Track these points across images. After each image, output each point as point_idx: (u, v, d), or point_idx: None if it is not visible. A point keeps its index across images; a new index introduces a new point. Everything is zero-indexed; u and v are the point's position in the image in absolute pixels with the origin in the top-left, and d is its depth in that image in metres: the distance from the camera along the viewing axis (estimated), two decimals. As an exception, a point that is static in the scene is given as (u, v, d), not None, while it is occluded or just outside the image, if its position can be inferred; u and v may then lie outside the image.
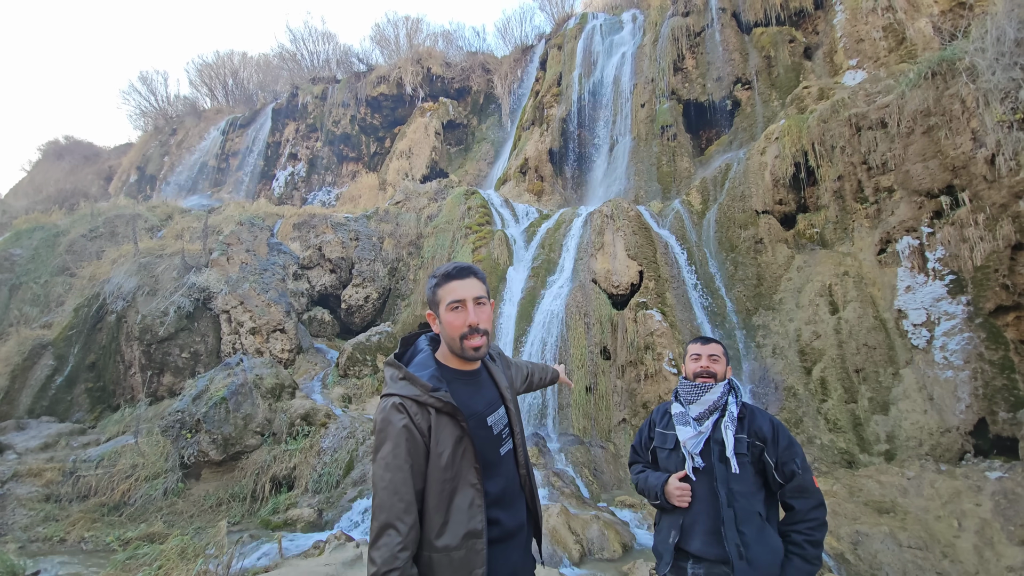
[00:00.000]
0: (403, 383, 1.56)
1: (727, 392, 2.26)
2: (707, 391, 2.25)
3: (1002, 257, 5.77)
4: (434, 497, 1.49)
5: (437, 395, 1.53)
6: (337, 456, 6.53)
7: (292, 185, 22.75)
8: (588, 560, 4.65)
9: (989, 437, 5.48)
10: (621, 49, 16.09)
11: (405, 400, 1.51)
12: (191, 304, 9.70)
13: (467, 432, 1.55)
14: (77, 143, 29.16)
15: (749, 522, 2.05)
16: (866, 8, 10.92)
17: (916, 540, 4.48)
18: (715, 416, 2.21)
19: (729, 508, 2.07)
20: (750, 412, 2.23)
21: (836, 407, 6.43)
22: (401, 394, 1.53)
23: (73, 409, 9.44)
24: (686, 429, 2.21)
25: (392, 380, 1.59)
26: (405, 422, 1.48)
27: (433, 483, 1.49)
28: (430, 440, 1.50)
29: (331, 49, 27.03)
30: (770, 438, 2.13)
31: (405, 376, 1.57)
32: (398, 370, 1.60)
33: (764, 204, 8.45)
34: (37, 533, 5.67)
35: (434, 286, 1.64)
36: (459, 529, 1.49)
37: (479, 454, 1.57)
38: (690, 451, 2.17)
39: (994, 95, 5.95)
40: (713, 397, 2.24)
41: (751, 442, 2.15)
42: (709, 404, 2.23)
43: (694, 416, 2.24)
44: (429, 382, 1.55)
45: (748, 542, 2.01)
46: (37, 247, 12.57)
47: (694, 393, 2.28)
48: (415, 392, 1.53)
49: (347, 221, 12.38)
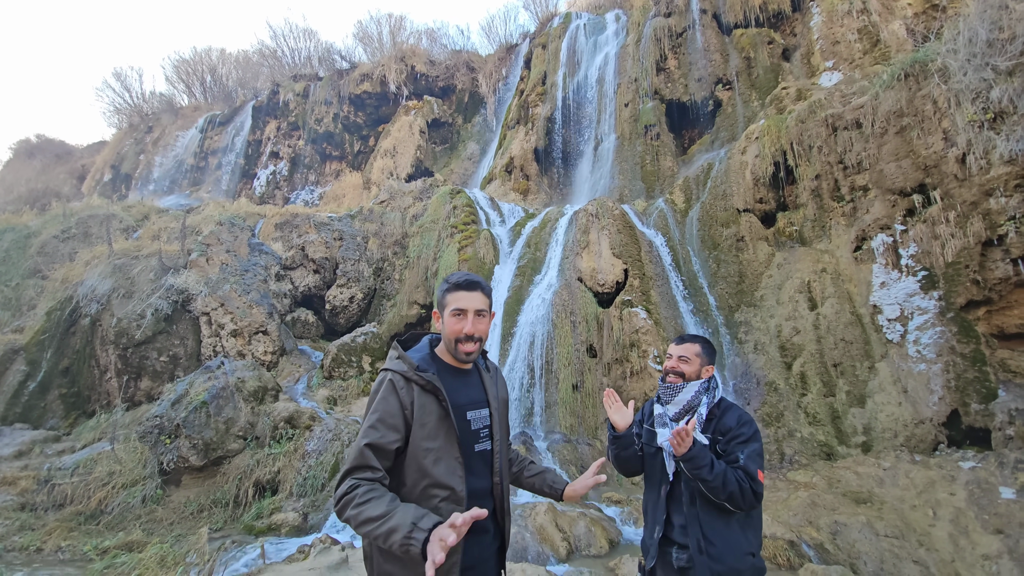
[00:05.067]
0: (397, 361, 1.78)
1: (703, 391, 2.27)
2: (679, 391, 2.28)
3: (973, 253, 5.95)
4: (417, 463, 1.65)
5: (422, 374, 1.73)
6: (322, 459, 6.46)
7: (274, 184, 22.39)
8: (575, 557, 4.68)
9: (962, 428, 5.66)
10: (605, 49, 16.18)
11: (395, 374, 1.73)
12: (169, 306, 9.49)
13: (449, 413, 1.71)
14: (49, 141, 28.29)
15: (710, 518, 2.11)
16: (841, 11, 11.16)
17: (893, 529, 4.61)
18: (688, 417, 2.23)
19: (692, 507, 2.14)
20: (722, 411, 2.25)
21: (815, 401, 6.57)
22: (392, 369, 1.75)
23: (47, 416, 9.17)
24: (664, 431, 2.26)
25: (390, 359, 1.82)
26: (388, 391, 1.69)
27: (417, 449, 1.66)
28: (412, 413, 1.68)
29: (313, 46, 26.67)
30: (729, 430, 2.18)
31: (400, 356, 1.80)
32: (396, 351, 1.83)
33: (745, 203, 8.58)
34: (13, 543, 5.50)
35: (444, 291, 1.85)
36: (439, 492, 1.65)
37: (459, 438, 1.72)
38: (668, 452, 2.22)
39: (965, 95, 6.13)
40: (687, 397, 2.27)
41: (714, 439, 2.19)
42: (683, 404, 2.27)
43: (671, 416, 2.28)
44: (419, 363, 1.76)
45: (709, 537, 2.09)
46: (7, 249, 12.16)
47: (668, 394, 2.32)
48: (404, 368, 1.74)
49: (331, 221, 12.24)
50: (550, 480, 2.04)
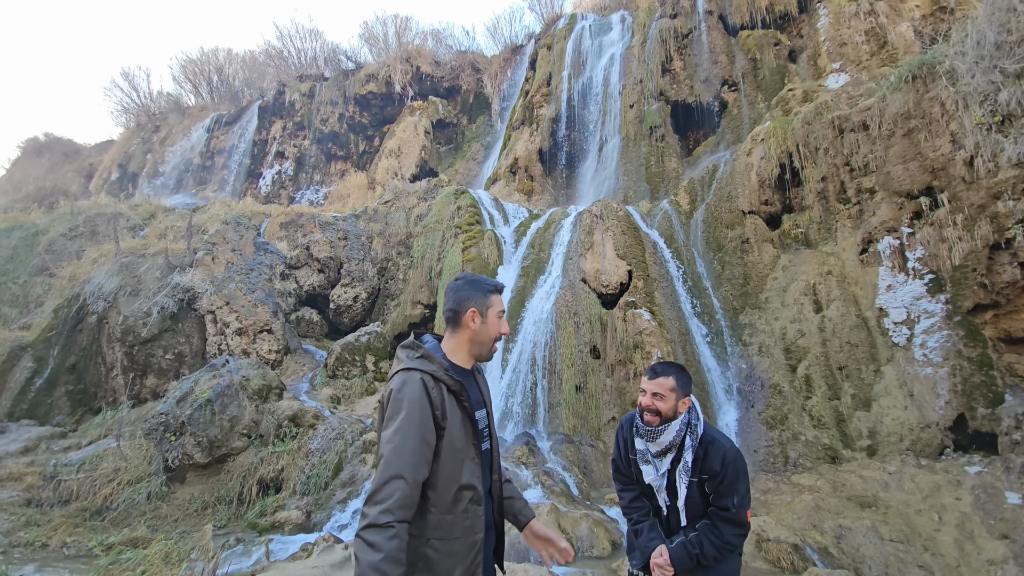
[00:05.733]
0: (421, 360, 1.69)
1: (683, 430, 2.20)
2: (660, 433, 2.20)
3: (980, 257, 5.91)
4: (449, 465, 1.61)
5: (450, 374, 1.69)
6: (326, 457, 6.48)
7: (279, 184, 22.49)
8: (578, 558, 4.67)
9: (968, 432, 5.62)
10: (610, 50, 16.16)
11: (424, 374, 1.63)
12: (175, 305, 9.55)
13: (468, 412, 1.69)
14: (57, 140, 28.54)
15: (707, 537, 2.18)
16: (849, 12, 11.11)
17: (898, 534, 4.58)
18: (671, 455, 2.21)
19: (691, 529, 2.22)
20: (705, 450, 2.18)
21: (820, 404, 6.53)
22: (421, 369, 1.65)
23: (53, 412, 9.24)
24: (648, 469, 2.25)
25: (409, 358, 1.71)
26: (422, 394, 1.60)
27: (449, 451, 1.62)
28: (442, 415, 1.62)
29: (319, 47, 26.78)
30: (716, 473, 2.15)
31: (423, 355, 1.71)
32: (415, 350, 1.74)
33: (750, 204, 8.55)
34: (19, 538, 5.55)
35: (488, 291, 1.86)
36: (468, 493, 1.64)
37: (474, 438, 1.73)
38: (658, 488, 2.26)
39: (973, 98, 6.09)
40: (668, 438, 2.19)
41: (700, 479, 2.19)
42: (665, 444, 2.20)
43: (653, 454, 2.25)
44: (447, 363, 1.74)
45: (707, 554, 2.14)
46: (16, 246, 12.28)
47: (649, 434, 2.24)
48: (432, 368, 1.66)
49: (335, 220, 12.28)
50: (516, 509, 1.98)
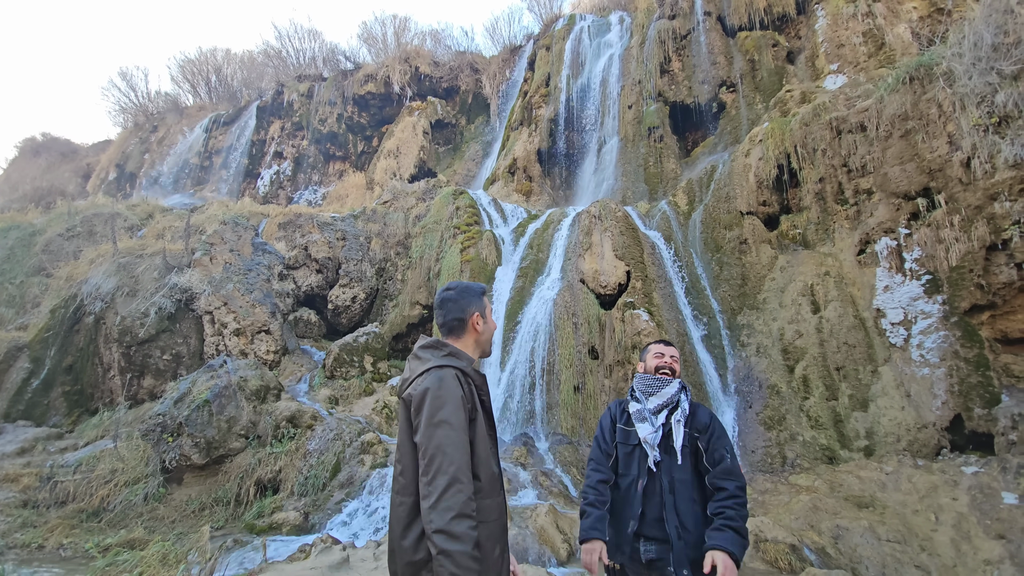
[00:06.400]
0: (450, 357, 1.76)
1: (681, 390, 2.49)
2: (667, 384, 2.48)
3: (977, 258, 5.93)
4: (484, 453, 1.70)
5: (476, 369, 1.81)
6: (324, 458, 6.47)
7: (277, 184, 22.46)
8: (575, 559, 4.67)
9: (965, 433, 5.63)
10: (609, 51, 16.18)
11: (457, 371, 1.72)
12: (173, 305, 9.53)
13: (487, 406, 1.79)
14: (54, 140, 28.43)
15: (686, 506, 2.30)
16: (847, 14, 11.14)
17: (895, 534, 4.59)
18: (667, 410, 2.44)
19: (671, 494, 2.31)
20: (694, 409, 2.47)
21: (818, 404, 6.55)
22: (454, 365, 1.73)
23: (50, 413, 9.21)
24: (644, 426, 2.42)
25: (436, 356, 1.77)
26: (461, 389, 1.68)
27: (481, 443, 1.70)
28: (473, 408, 1.72)
29: (317, 47, 26.76)
30: (707, 428, 2.39)
31: (451, 352, 1.78)
32: (441, 348, 1.81)
33: (748, 205, 8.57)
34: (15, 540, 5.52)
35: (481, 294, 1.95)
36: (497, 480, 1.75)
37: None
38: (651, 444, 2.37)
39: (970, 99, 6.11)
40: (671, 391, 2.46)
41: (690, 433, 2.40)
42: (667, 397, 2.45)
43: (652, 408, 2.44)
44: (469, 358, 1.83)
45: (685, 524, 2.26)
46: (12, 247, 12.24)
47: (655, 385, 2.49)
48: (462, 364, 1.75)
49: (334, 221, 12.27)
50: None
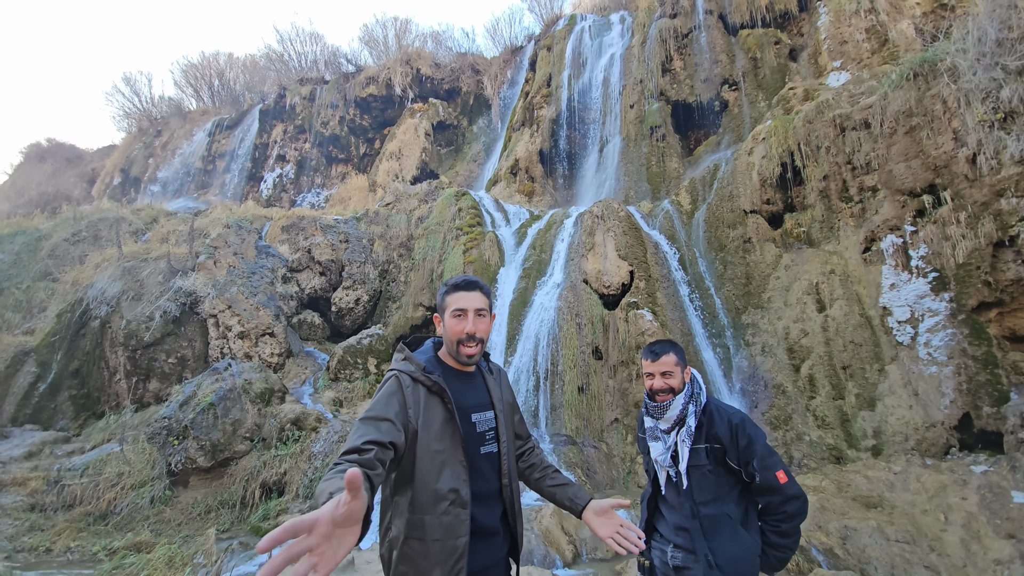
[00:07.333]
0: (404, 363, 1.79)
1: (688, 400, 2.25)
2: (668, 408, 2.25)
3: (984, 254, 5.88)
4: (425, 465, 1.64)
5: (429, 375, 1.74)
6: (328, 460, 6.47)
7: (280, 187, 22.54)
8: (581, 561, 4.66)
9: (974, 431, 5.58)
10: (610, 50, 16.16)
11: (402, 374, 1.73)
12: (177, 309, 9.56)
13: (454, 415, 1.71)
14: (59, 145, 28.62)
15: (717, 529, 2.10)
16: (849, 10, 11.08)
17: (903, 534, 4.55)
18: (679, 428, 2.25)
19: (694, 520, 2.14)
20: (709, 417, 2.23)
21: (824, 404, 6.50)
22: (400, 369, 1.76)
23: (57, 417, 9.26)
24: (656, 445, 2.29)
25: (396, 360, 1.82)
26: (396, 388, 1.68)
27: (424, 453, 1.64)
28: (418, 414, 1.67)
29: (319, 50, 26.83)
30: (728, 441, 2.15)
31: (407, 357, 1.81)
32: (401, 353, 1.84)
33: (752, 204, 8.53)
34: (23, 543, 5.55)
35: (443, 293, 1.87)
36: (448, 496, 1.64)
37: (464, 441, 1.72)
38: (662, 465, 2.26)
39: (975, 95, 6.06)
40: (675, 412, 2.24)
41: (710, 447, 2.18)
42: (673, 419, 2.25)
43: (663, 430, 2.28)
44: (425, 365, 1.78)
45: (717, 549, 2.07)
46: (19, 252, 12.32)
47: (657, 411, 2.29)
48: (411, 369, 1.75)
49: (337, 223, 12.29)
50: (571, 494, 1.94)
